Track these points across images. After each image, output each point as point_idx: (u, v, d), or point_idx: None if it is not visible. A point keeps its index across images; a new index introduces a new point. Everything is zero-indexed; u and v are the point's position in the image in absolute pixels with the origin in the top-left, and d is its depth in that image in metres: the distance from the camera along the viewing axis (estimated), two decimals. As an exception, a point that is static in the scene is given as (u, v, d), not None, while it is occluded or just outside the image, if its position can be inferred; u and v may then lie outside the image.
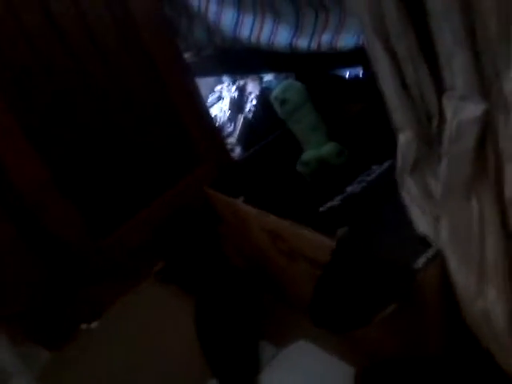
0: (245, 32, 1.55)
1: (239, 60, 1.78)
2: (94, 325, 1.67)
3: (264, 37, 1.50)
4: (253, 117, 2.00)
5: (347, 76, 1.85)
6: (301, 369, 1.26)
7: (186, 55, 1.82)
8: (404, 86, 0.90)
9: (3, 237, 1.48)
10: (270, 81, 2.04)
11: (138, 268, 1.75)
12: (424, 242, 0.95)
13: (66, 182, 1.56)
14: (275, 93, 1.45)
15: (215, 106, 2.17)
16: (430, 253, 0.93)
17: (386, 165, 1.25)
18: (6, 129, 1.43)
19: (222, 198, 1.45)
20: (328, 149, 1.39)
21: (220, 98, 2.20)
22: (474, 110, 0.82)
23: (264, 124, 1.90)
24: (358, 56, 1.32)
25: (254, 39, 1.54)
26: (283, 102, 1.41)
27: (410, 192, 0.97)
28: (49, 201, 1.54)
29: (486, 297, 0.87)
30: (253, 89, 2.05)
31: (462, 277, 0.89)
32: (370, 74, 1.60)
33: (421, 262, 0.92)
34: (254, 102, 2.01)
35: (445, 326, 0.98)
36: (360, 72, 1.80)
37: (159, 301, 1.66)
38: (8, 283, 1.49)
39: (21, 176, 1.46)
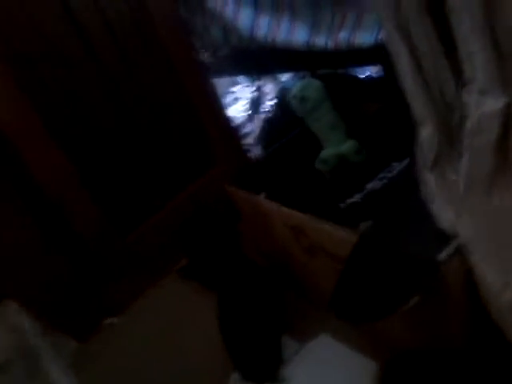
0: (262, 31, 1.57)
1: (255, 60, 1.79)
2: (117, 319, 1.69)
3: (281, 35, 1.52)
4: (271, 117, 2.01)
5: (362, 76, 1.85)
6: (323, 363, 1.27)
7: (202, 55, 1.84)
8: (424, 80, 0.90)
9: (29, 234, 1.51)
10: (287, 81, 2.05)
11: (161, 265, 1.77)
12: (447, 236, 0.95)
13: (89, 181, 1.59)
14: (294, 91, 1.46)
15: (232, 107, 2.19)
16: (452, 246, 0.93)
17: (405, 162, 1.25)
18: (30, 128, 1.46)
19: (244, 194, 1.46)
20: (347, 146, 1.40)
21: (236, 99, 2.21)
22: (495, 103, 0.83)
23: (283, 124, 1.90)
24: (374, 54, 1.33)
25: (270, 38, 1.55)
26: (302, 99, 1.42)
27: (430, 188, 0.97)
28: (73, 199, 1.58)
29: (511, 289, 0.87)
30: (271, 89, 2.06)
31: (486, 270, 0.89)
32: (386, 74, 1.62)
33: (444, 255, 0.92)
34: (273, 102, 2.02)
35: (468, 319, 0.98)
36: (375, 72, 1.80)
37: (181, 297, 1.68)
38: (35, 277, 1.52)
39: (45, 175, 1.50)
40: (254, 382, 1.28)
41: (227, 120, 1.93)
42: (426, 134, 0.93)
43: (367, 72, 1.75)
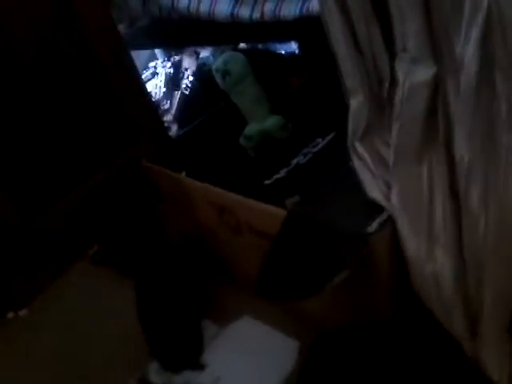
0: (183, 1, 1.50)
1: (176, 32, 1.72)
2: (22, 312, 1.56)
3: (204, 7, 1.45)
4: (190, 93, 1.93)
5: (284, 52, 1.83)
6: (244, 345, 1.24)
7: (120, 27, 1.73)
8: (357, 49, 0.89)
9: None
10: (206, 57, 1.98)
11: (73, 251, 1.66)
12: (375, 208, 0.94)
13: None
14: (217, 64, 1.41)
15: (150, 82, 2.09)
16: (381, 218, 0.92)
17: (330, 136, 1.25)
18: None
19: (165, 172, 1.39)
20: (271, 122, 1.37)
21: (155, 75, 2.11)
22: (425, 72, 0.83)
23: (201, 101, 1.84)
24: (296, 29, 1.31)
25: (193, 9, 1.48)
26: (225, 73, 1.37)
27: (361, 158, 0.96)
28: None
29: (435, 260, 0.89)
30: (189, 64, 1.98)
31: (412, 241, 0.90)
32: (303, 50, 1.61)
33: (373, 227, 0.91)
34: (191, 79, 1.94)
35: (395, 292, 0.99)
36: (296, 49, 1.78)
37: (95, 285, 1.57)
38: None
39: None
40: (172, 371, 1.22)
41: (147, 96, 1.84)
42: (357, 103, 0.91)
43: (289, 48, 1.72)
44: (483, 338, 0.90)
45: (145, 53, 2.17)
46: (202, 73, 1.92)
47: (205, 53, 2.00)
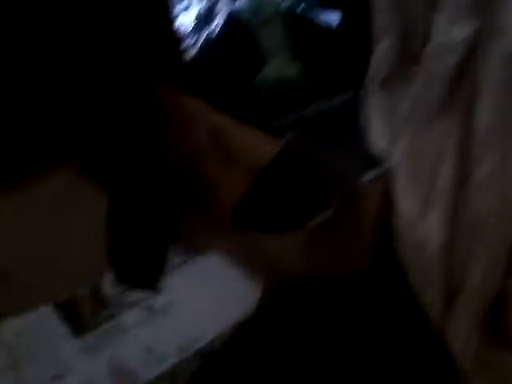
0: None
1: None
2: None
3: None
4: (216, 36, 1.89)
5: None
6: (205, 279, 1.21)
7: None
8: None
9: None
10: (241, 4, 1.94)
11: (58, 158, 1.62)
12: (376, 161, 0.91)
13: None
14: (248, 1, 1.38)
15: (181, 15, 2.04)
16: (378, 170, 0.89)
17: (348, 94, 1.21)
18: None
19: (169, 88, 1.34)
20: (291, 68, 1.34)
21: (187, 10, 2.06)
22: (462, 31, 0.79)
23: (225, 45, 1.80)
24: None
25: None
26: (257, 9, 1.34)
27: (373, 107, 0.93)
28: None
29: (426, 224, 0.85)
30: (223, 7, 1.94)
31: (406, 200, 0.87)
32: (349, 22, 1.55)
33: (367, 177, 0.88)
34: (221, 21, 1.90)
35: (372, 253, 0.95)
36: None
37: (73, 194, 1.54)
38: None
39: None
40: (126, 286, 1.18)
41: (174, 28, 1.79)
42: (384, 47, 0.87)
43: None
44: (456, 313, 0.86)
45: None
46: (232, 18, 1.87)
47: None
